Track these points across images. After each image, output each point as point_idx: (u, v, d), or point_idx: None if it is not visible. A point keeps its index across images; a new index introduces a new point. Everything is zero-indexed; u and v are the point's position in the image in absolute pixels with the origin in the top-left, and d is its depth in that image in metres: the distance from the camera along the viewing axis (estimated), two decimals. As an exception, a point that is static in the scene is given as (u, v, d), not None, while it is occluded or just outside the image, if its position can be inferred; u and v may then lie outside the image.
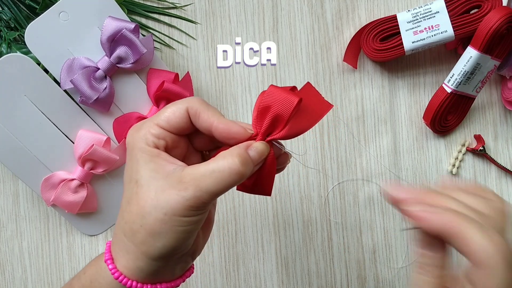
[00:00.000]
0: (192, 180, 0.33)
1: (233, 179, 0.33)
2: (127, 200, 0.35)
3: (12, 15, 0.55)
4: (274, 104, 0.35)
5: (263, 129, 0.35)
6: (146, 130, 0.35)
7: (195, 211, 0.33)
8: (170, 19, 0.58)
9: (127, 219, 0.35)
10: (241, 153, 0.34)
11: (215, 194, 0.33)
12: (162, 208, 0.33)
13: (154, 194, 0.33)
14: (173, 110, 0.36)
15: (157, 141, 0.35)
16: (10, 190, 0.57)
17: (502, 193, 0.60)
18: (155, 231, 0.34)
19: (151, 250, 0.34)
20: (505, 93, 0.57)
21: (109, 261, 0.36)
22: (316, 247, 0.58)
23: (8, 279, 0.57)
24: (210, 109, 0.35)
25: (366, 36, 0.56)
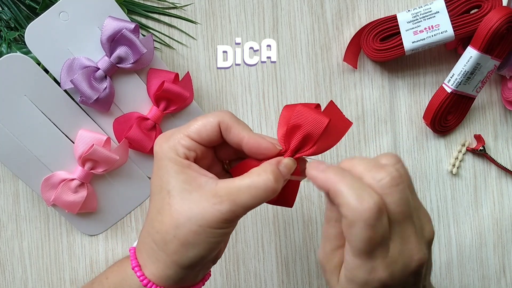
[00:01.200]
0: (227, 194, 0.34)
1: (267, 195, 0.35)
2: (158, 210, 0.36)
3: (12, 15, 0.55)
4: (305, 124, 0.37)
5: (293, 147, 0.37)
6: (177, 141, 0.36)
7: (227, 224, 0.35)
8: (170, 19, 0.58)
9: (159, 229, 0.35)
10: (275, 170, 0.35)
11: (249, 208, 0.35)
12: (196, 220, 0.34)
13: (188, 206, 0.34)
14: (204, 123, 0.37)
15: (188, 153, 0.36)
16: (10, 190, 0.57)
17: (502, 193, 0.60)
18: (189, 242, 0.35)
19: (183, 259, 0.35)
20: (505, 93, 0.57)
21: (136, 268, 0.37)
22: (316, 247, 0.58)
23: (8, 279, 0.57)
24: (240, 124, 0.37)
25: (366, 36, 0.56)
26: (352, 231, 0.32)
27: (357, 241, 0.32)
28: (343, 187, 0.32)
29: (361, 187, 0.32)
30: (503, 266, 0.60)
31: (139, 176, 0.56)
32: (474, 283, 0.59)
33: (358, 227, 0.31)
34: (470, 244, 0.59)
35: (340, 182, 0.32)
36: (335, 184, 0.32)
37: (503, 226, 0.60)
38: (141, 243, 0.38)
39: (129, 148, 0.54)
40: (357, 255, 0.33)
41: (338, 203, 0.32)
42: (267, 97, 0.58)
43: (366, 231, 0.31)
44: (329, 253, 0.36)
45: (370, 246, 0.32)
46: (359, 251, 0.32)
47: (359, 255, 0.33)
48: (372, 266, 0.33)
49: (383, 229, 0.32)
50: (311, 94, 0.58)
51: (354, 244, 0.32)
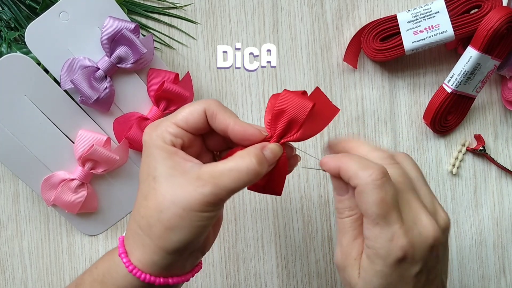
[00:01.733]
0: (210, 177, 0.35)
1: (250, 177, 0.35)
2: (144, 196, 0.36)
3: (12, 15, 0.55)
4: (289, 108, 0.37)
5: (278, 132, 0.37)
6: (164, 128, 0.37)
7: (211, 207, 0.35)
8: (170, 19, 0.58)
9: (144, 213, 0.36)
10: (258, 153, 0.36)
11: (232, 191, 0.35)
12: (180, 203, 0.34)
13: (172, 190, 0.35)
14: (191, 110, 0.37)
15: (174, 140, 0.37)
16: (10, 190, 0.57)
17: (502, 193, 0.60)
18: (172, 226, 0.35)
19: (167, 244, 0.35)
20: (505, 93, 0.57)
21: (123, 254, 0.37)
22: (316, 247, 0.58)
23: (8, 279, 0.57)
24: (226, 111, 0.37)
25: (366, 36, 0.56)
26: (364, 197, 0.35)
27: (371, 205, 0.34)
28: (352, 162, 0.36)
29: (366, 160, 0.36)
30: (503, 266, 0.60)
31: (139, 176, 0.56)
32: (474, 283, 0.59)
33: (369, 191, 0.34)
34: (470, 244, 0.59)
35: (348, 160, 0.36)
36: (345, 162, 0.36)
37: (503, 226, 0.60)
38: (128, 230, 0.38)
39: (129, 148, 0.54)
40: (375, 222, 0.35)
41: (349, 176, 0.35)
42: (267, 97, 0.58)
43: (377, 192, 0.34)
44: (347, 246, 0.37)
45: (383, 208, 0.34)
46: (376, 216, 0.34)
47: (376, 221, 0.35)
48: (391, 233, 0.34)
49: (392, 190, 0.35)
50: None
51: (369, 211, 0.35)
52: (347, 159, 0.36)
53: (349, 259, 0.37)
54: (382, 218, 0.34)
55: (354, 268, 0.37)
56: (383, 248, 0.35)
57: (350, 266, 0.37)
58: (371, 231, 0.35)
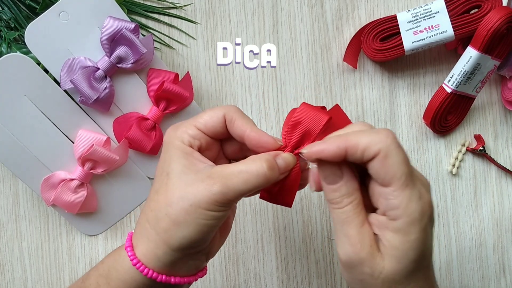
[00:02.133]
0: (220, 177, 0.35)
1: (259, 181, 0.35)
2: (156, 190, 0.37)
3: (12, 15, 0.55)
4: (305, 120, 0.37)
5: (293, 142, 0.38)
6: (184, 129, 0.38)
7: (219, 207, 0.35)
8: (170, 19, 0.58)
9: (153, 207, 0.37)
10: (269, 158, 0.36)
11: (240, 193, 0.35)
12: (188, 199, 0.35)
13: (182, 186, 0.36)
14: (211, 114, 0.38)
15: (192, 141, 0.38)
16: (10, 190, 0.57)
17: (502, 193, 0.60)
18: (179, 221, 0.35)
19: (172, 239, 0.36)
20: (505, 93, 0.57)
21: (129, 248, 0.38)
22: (316, 247, 0.58)
23: (8, 279, 0.57)
24: (245, 118, 0.38)
25: (366, 36, 0.56)
26: (389, 160, 0.33)
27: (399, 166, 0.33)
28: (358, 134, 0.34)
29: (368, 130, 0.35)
30: (503, 266, 0.60)
31: (139, 176, 0.56)
32: (474, 283, 0.59)
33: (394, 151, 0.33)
34: (470, 244, 0.59)
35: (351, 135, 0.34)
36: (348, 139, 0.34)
37: (503, 226, 0.60)
38: (137, 225, 0.39)
39: (129, 148, 0.54)
40: (405, 184, 0.33)
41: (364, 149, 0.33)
42: (267, 97, 0.58)
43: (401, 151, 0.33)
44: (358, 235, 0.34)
45: (409, 167, 0.33)
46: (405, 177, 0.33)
47: (406, 183, 0.33)
48: (419, 191, 0.34)
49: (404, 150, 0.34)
50: (311, 94, 0.58)
51: (399, 172, 0.33)
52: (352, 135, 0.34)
53: (365, 248, 0.34)
54: (410, 178, 0.33)
55: (374, 256, 0.34)
56: (417, 210, 0.33)
57: (369, 254, 0.34)
58: (401, 197, 0.33)
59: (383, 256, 0.34)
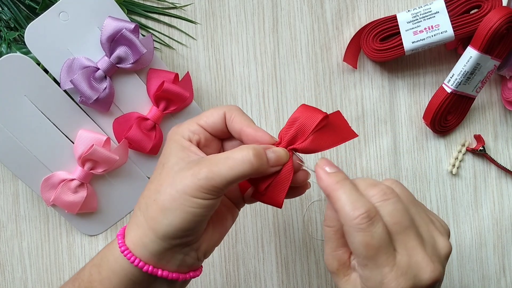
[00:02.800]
0: (207, 164, 0.36)
1: (244, 168, 0.36)
2: (151, 180, 0.39)
3: (12, 15, 0.55)
4: (301, 117, 0.38)
5: (287, 138, 0.39)
6: (186, 126, 0.40)
7: (205, 194, 0.36)
8: (170, 19, 0.58)
9: (145, 194, 0.38)
10: (257, 147, 0.37)
11: (226, 180, 0.36)
12: (175, 185, 0.36)
13: (172, 174, 0.37)
14: (212, 112, 0.40)
15: (191, 136, 0.39)
16: (10, 190, 0.57)
17: (502, 193, 0.60)
18: (165, 207, 0.36)
19: (158, 225, 0.36)
20: (505, 93, 0.57)
21: (119, 236, 0.38)
22: (316, 247, 0.58)
23: (8, 279, 0.57)
24: (243, 116, 0.39)
25: (366, 36, 0.56)
26: (350, 238, 0.35)
27: (357, 246, 0.34)
28: (342, 195, 0.35)
29: (357, 196, 0.35)
30: (503, 266, 0.60)
31: (139, 176, 0.56)
32: (474, 283, 0.59)
33: (354, 233, 0.34)
34: (470, 244, 0.59)
35: (340, 189, 0.35)
36: (335, 191, 0.35)
37: (503, 226, 0.60)
38: (132, 214, 0.40)
39: (129, 148, 0.54)
40: (364, 263, 0.35)
41: (336, 209, 0.35)
42: (267, 97, 0.58)
43: (362, 235, 0.34)
44: (330, 255, 0.38)
45: (370, 251, 0.34)
46: (363, 258, 0.34)
47: (365, 263, 0.34)
48: (381, 276, 0.34)
49: (379, 233, 0.34)
50: (311, 94, 0.58)
51: (357, 251, 0.34)
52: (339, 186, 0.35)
53: (332, 267, 0.38)
54: (370, 260, 0.34)
55: (339, 276, 0.37)
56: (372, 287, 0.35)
57: (334, 274, 0.38)
58: (362, 271, 0.35)
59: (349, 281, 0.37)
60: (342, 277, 0.37)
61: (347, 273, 0.37)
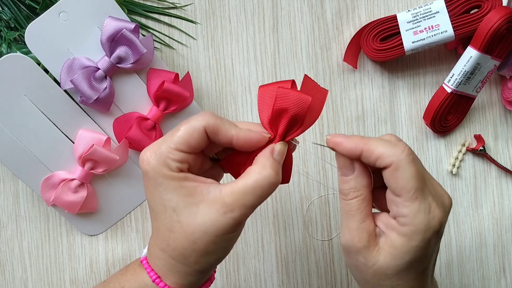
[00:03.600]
0: (236, 200, 0.35)
1: (272, 189, 0.36)
2: (169, 229, 0.36)
3: (12, 15, 0.55)
4: (290, 107, 0.37)
5: (281, 131, 0.38)
6: (165, 155, 0.36)
7: (241, 226, 0.36)
8: (170, 19, 0.58)
9: (175, 246, 0.36)
10: (273, 164, 0.36)
11: (257, 206, 0.36)
12: (212, 231, 0.35)
13: (199, 219, 0.35)
14: (190, 131, 0.36)
15: (181, 166, 0.36)
16: (10, 190, 0.57)
17: (502, 193, 0.60)
18: (209, 252, 0.36)
19: (205, 266, 0.37)
20: (505, 93, 0.57)
21: (157, 280, 0.38)
22: (316, 247, 0.58)
23: (8, 279, 0.57)
24: (225, 123, 0.37)
25: (366, 36, 0.56)
26: (401, 172, 0.35)
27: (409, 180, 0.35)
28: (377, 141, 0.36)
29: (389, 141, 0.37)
30: (503, 266, 0.60)
31: (139, 176, 0.56)
32: (474, 283, 0.59)
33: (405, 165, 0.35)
34: (470, 244, 0.59)
35: (370, 139, 0.36)
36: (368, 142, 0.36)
37: (503, 226, 0.60)
38: (156, 259, 0.38)
39: (129, 148, 0.54)
40: (414, 197, 0.35)
41: (377, 156, 0.36)
42: (267, 97, 0.58)
43: (413, 166, 0.35)
44: (357, 229, 0.37)
45: (420, 181, 0.35)
46: (415, 190, 0.35)
47: (415, 195, 0.35)
48: (428, 205, 0.36)
49: (421, 165, 0.37)
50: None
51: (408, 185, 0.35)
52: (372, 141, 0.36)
53: (362, 241, 0.37)
54: (420, 192, 0.35)
55: (369, 249, 0.37)
56: (422, 222, 0.35)
57: (365, 247, 0.37)
58: (409, 207, 0.35)
59: (380, 250, 0.37)
60: (373, 248, 0.37)
61: (376, 242, 0.37)
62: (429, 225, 0.35)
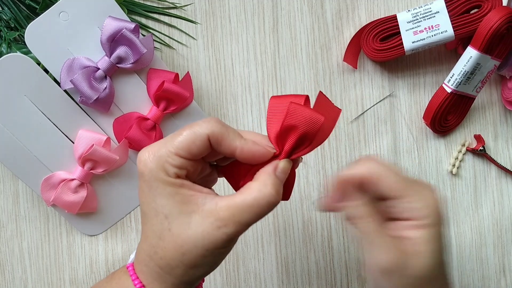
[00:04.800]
0: (231, 216, 0.34)
1: (271, 209, 0.35)
2: (158, 236, 0.35)
3: (12, 15, 0.55)
4: (300, 125, 0.35)
5: (288, 148, 0.36)
6: (164, 159, 0.34)
7: (234, 242, 0.35)
8: (170, 19, 0.58)
9: (163, 255, 0.35)
10: (275, 182, 0.35)
11: (252, 224, 0.35)
12: (203, 245, 0.34)
13: (191, 231, 0.34)
14: (193, 138, 0.35)
15: (179, 172, 0.35)
16: (10, 190, 0.57)
17: (502, 193, 0.60)
18: (197, 265, 0.35)
19: (191, 279, 0.36)
20: (505, 93, 0.57)
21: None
22: (316, 247, 0.58)
23: (8, 279, 0.57)
24: (230, 134, 0.35)
25: (366, 36, 0.56)
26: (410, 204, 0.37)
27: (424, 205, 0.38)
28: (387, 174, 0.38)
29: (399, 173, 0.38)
30: (503, 266, 0.60)
31: (139, 176, 0.56)
32: (474, 283, 0.59)
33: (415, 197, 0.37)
34: (470, 244, 0.59)
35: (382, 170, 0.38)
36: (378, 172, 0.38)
37: (503, 226, 0.60)
38: (143, 265, 0.37)
39: (129, 148, 0.54)
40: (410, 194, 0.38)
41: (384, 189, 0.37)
42: (267, 97, 0.58)
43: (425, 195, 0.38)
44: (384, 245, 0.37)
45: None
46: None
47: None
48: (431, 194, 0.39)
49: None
50: (311, 94, 0.58)
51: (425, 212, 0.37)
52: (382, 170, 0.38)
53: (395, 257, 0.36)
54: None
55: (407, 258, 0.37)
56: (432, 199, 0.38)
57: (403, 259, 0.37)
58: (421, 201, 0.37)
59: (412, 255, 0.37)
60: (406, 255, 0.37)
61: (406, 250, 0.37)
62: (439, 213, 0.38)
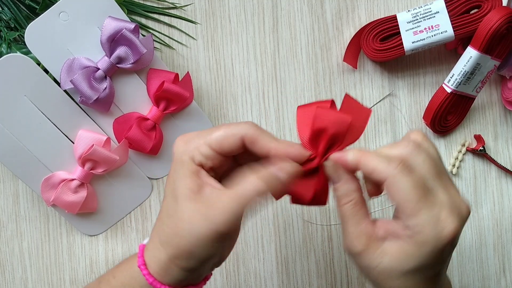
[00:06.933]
0: (221, 208, 0.35)
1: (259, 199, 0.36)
2: (167, 214, 0.37)
3: (12, 15, 0.55)
4: (329, 126, 0.37)
5: (322, 150, 0.38)
6: (195, 145, 0.37)
7: (226, 235, 0.36)
8: (170, 19, 0.58)
9: (166, 232, 0.37)
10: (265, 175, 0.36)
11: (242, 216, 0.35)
12: (196, 234, 0.35)
13: (190, 217, 0.35)
14: (227, 135, 0.37)
15: (204, 161, 0.37)
16: (10, 190, 0.57)
17: (502, 193, 0.60)
18: (189, 252, 0.36)
19: (183, 264, 0.37)
20: (505, 93, 0.57)
21: (142, 266, 0.38)
22: (316, 247, 0.58)
23: (8, 279, 0.57)
24: (265, 135, 0.37)
25: (366, 36, 0.56)
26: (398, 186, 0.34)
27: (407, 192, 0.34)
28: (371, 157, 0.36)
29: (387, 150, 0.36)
30: (503, 266, 0.60)
31: (139, 176, 0.56)
32: (474, 283, 0.59)
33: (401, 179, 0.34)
34: (470, 244, 0.59)
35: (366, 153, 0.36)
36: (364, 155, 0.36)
37: (503, 226, 0.60)
38: (150, 242, 0.39)
39: (129, 148, 0.54)
40: (417, 209, 0.34)
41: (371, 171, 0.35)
42: (267, 97, 0.58)
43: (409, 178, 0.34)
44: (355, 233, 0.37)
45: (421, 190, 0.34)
46: (416, 201, 0.34)
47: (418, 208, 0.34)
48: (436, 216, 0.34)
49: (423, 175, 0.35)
50: (311, 94, 0.58)
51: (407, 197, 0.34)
52: (367, 155, 0.36)
53: (360, 244, 0.36)
54: (423, 203, 0.34)
55: (370, 252, 0.36)
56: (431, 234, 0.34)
57: (365, 250, 0.36)
58: (416, 218, 0.34)
59: (385, 253, 0.36)
60: (374, 251, 0.36)
61: (378, 245, 0.36)
62: (439, 236, 0.34)
